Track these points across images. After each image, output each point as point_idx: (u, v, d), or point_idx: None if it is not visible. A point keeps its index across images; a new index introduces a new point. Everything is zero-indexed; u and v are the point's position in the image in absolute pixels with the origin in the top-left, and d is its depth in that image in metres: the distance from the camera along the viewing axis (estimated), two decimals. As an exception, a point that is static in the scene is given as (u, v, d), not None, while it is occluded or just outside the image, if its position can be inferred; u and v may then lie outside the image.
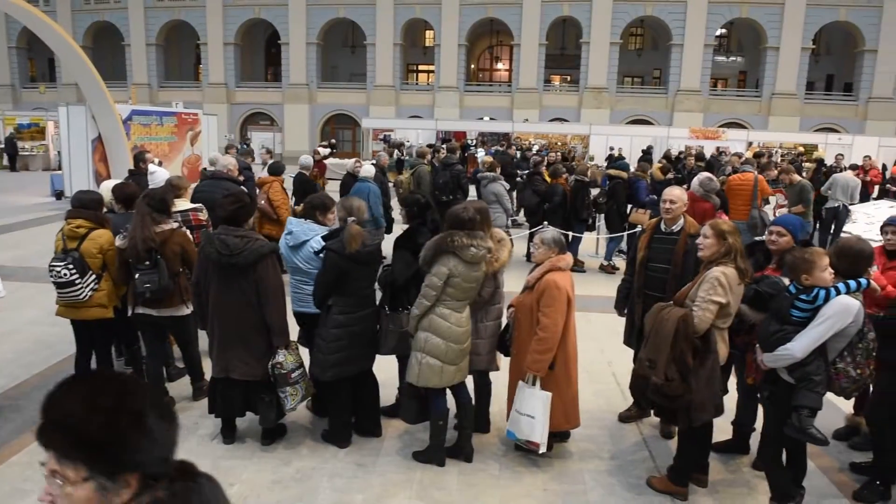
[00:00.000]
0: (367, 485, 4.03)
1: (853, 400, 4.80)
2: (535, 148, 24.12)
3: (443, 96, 36.08)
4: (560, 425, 4.27)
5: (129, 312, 4.80)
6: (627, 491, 4.08)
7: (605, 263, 10.42)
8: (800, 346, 3.24)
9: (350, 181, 9.43)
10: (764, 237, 4.24)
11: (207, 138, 20.04)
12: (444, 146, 13.83)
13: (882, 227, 4.64)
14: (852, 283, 3.33)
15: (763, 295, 3.62)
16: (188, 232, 5.07)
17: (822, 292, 3.28)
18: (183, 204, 5.47)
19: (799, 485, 3.74)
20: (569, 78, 38.97)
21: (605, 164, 17.68)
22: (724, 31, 37.27)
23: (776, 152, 22.85)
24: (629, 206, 10.49)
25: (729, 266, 3.62)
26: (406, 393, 4.27)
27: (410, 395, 4.22)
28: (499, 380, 4.77)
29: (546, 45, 35.83)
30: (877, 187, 16.28)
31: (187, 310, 4.87)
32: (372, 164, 10.40)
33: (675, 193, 4.58)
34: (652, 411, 4.38)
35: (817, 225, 11.72)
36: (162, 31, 38.44)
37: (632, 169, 11.33)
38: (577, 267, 10.13)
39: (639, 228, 7.17)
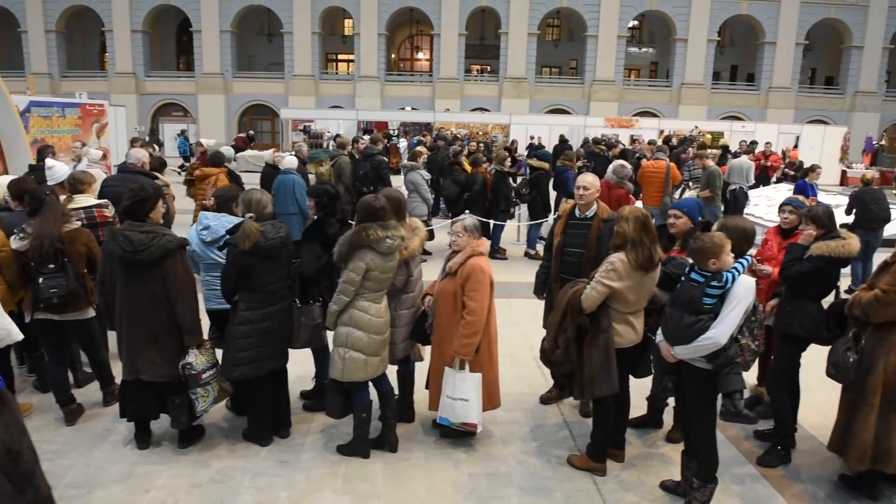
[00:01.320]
0: (291, 482, 3.96)
1: (755, 371, 5.11)
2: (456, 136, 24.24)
3: (364, 86, 35.69)
4: (484, 407, 4.34)
5: (27, 318, 4.50)
6: (549, 470, 4.19)
7: (531, 252, 10.62)
8: (722, 331, 3.33)
9: (271, 173, 9.20)
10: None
11: (115, 131, 19.03)
12: (365, 136, 13.70)
13: (780, 207, 4.95)
14: (744, 262, 3.48)
15: (671, 276, 3.75)
16: (93, 229, 4.82)
17: (729, 275, 3.39)
18: (87, 200, 5.18)
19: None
20: (489, 68, 39.31)
21: (527, 153, 17.99)
22: (636, 23, 38.52)
23: (699, 134, 23.86)
24: (555, 196, 10.73)
25: (628, 254, 3.75)
26: (329, 388, 4.22)
27: (334, 390, 4.17)
28: (418, 368, 4.78)
29: (466, 35, 36.00)
30: (777, 172, 17.30)
31: (93, 312, 4.62)
32: (293, 155, 10.17)
33: (588, 180, 4.70)
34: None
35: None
36: (62, 16, 36.05)
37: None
38: (500, 255, 10.29)
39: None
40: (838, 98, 37.28)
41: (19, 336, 3.37)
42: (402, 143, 23.80)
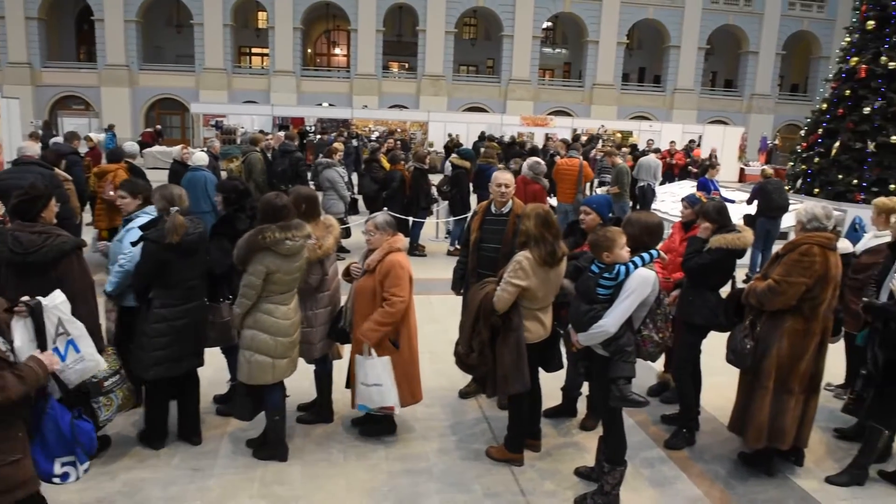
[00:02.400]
0: (205, 489, 3.83)
1: (662, 358, 5.36)
2: (375, 135, 24.10)
3: (279, 81, 34.85)
4: (406, 401, 4.37)
5: None
6: (469, 464, 4.25)
7: (452, 248, 10.69)
8: (611, 321, 3.47)
9: (179, 170, 8.84)
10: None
11: (9, 124, 17.73)
12: (280, 132, 13.41)
13: (681, 202, 5.23)
14: (646, 256, 3.63)
15: (582, 269, 3.88)
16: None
17: (622, 268, 3.53)
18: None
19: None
20: (407, 65, 39.27)
21: (444, 151, 18.13)
22: (550, 24, 39.47)
23: (605, 132, 24.73)
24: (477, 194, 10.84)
25: (533, 252, 3.83)
26: (238, 391, 4.11)
27: (243, 393, 4.06)
28: (337, 367, 4.74)
29: (383, 31, 35.82)
30: (681, 169, 18.21)
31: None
32: (203, 151, 9.82)
33: (507, 177, 4.80)
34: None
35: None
36: (-57, 1, 33.36)
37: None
38: (419, 252, 10.32)
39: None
40: (736, 100, 39.60)
41: (104, 365, 3.35)
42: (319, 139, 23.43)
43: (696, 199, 5.09)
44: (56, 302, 3.08)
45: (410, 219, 10.06)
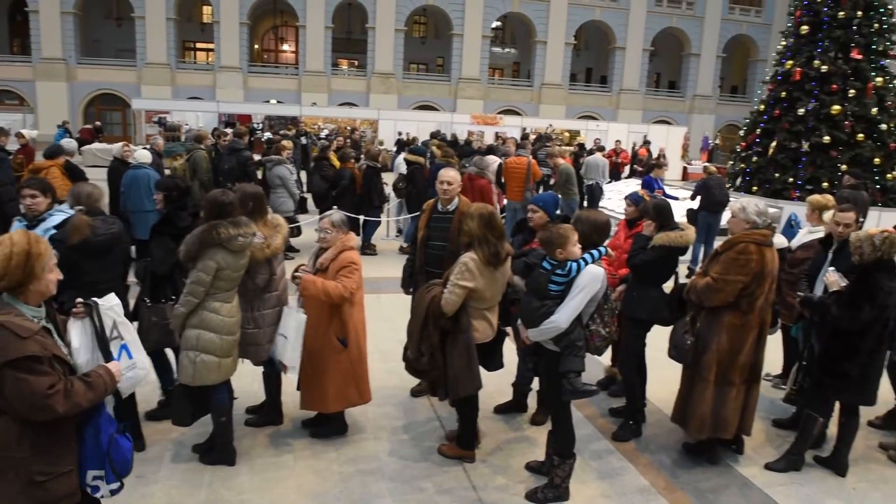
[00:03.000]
0: (148, 496, 3.72)
1: (609, 353, 5.47)
2: (325, 132, 23.86)
3: (225, 77, 34.10)
4: (354, 402, 4.35)
5: None
6: (421, 462, 4.25)
7: (405, 246, 10.65)
8: (563, 316, 3.53)
9: (119, 168, 8.55)
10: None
11: (-66, 119, 16.88)
12: (228, 130, 13.11)
13: (625, 200, 5.34)
14: (595, 253, 3.71)
15: (532, 266, 3.92)
16: None
17: (574, 265, 3.60)
18: None
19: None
20: (356, 63, 38.99)
21: (395, 149, 18.06)
22: (499, 23, 39.76)
23: (553, 131, 25.09)
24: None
25: (478, 252, 3.85)
26: (176, 394, 3.99)
27: (181, 396, 3.94)
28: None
29: (332, 28, 35.45)
30: (627, 168, 18.62)
31: None
32: (147, 148, 9.53)
33: (451, 175, 4.79)
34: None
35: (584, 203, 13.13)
36: None
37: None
38: (370, 251, 10.26)
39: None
40: (679, 101, 40.74)
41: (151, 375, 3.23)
42: (267, 137, 23.02)
43: (640, 197, 5.21)
44: (111, 303, 2.93)
45: (361, 217, 9.99)
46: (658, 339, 4.70)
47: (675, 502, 3.94)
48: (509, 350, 4.89)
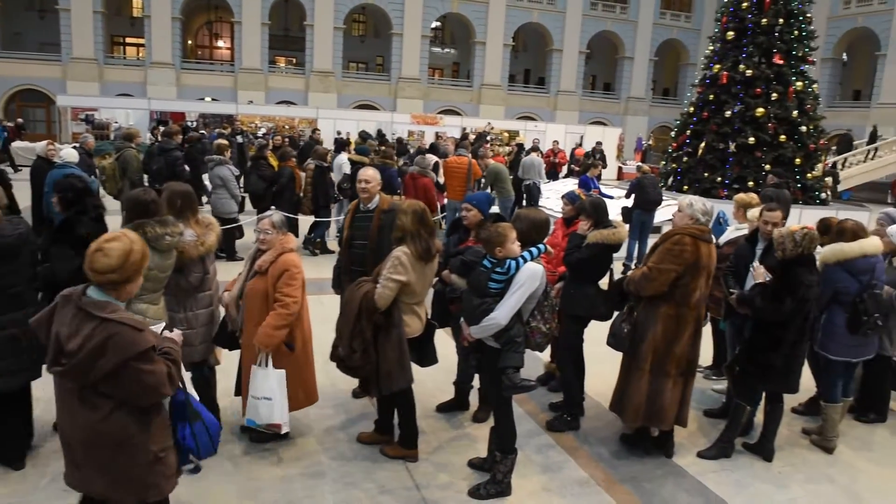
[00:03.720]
0: None
1: (549, 349, 5.56)
2: (262, 131, 23.39)
3: (156, 73, 32.98)
4: (301, 404, 4.29)
5: None
6: (363, 462, 4.22)
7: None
8: (502, 313, 3.56)
9: (43, 167, 8.15)
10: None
11: None
12: (161, 127, 12.70)
13: (562, 199, 5.44)
14: (534, 251, 3.77)
15: (468, 264, 3.96)
16: None
17: (513, 262, 3.65)
18: None
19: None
20: (294, 60, 38.39)
21: (334, 148, 17.87)
22: (438, 23, 39.90)
23: (492, 129, 25.33)
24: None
25: (409, 247, 3.90)
26: None
27: None
28: (223, 371, 4.58)
29: (269, 25, 34.80)
30: (565, 167, 18.99)
31: None
32: (75, 147, 9.13)
33: (369, 174, 4.77)
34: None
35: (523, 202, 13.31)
36: None
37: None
38: (314, 251, 10.11)
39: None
40: (614, 102, 41.84)
41: None
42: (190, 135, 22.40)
43: (576, 196, 5.32)
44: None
45: (299, 217, 9.85)
46: (597, 334, 4.80)
47: (614, 493, 4.05)
48: (449, 348, 4.93)
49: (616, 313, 4.51)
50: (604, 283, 4.75)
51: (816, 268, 4.34)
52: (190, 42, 38.26)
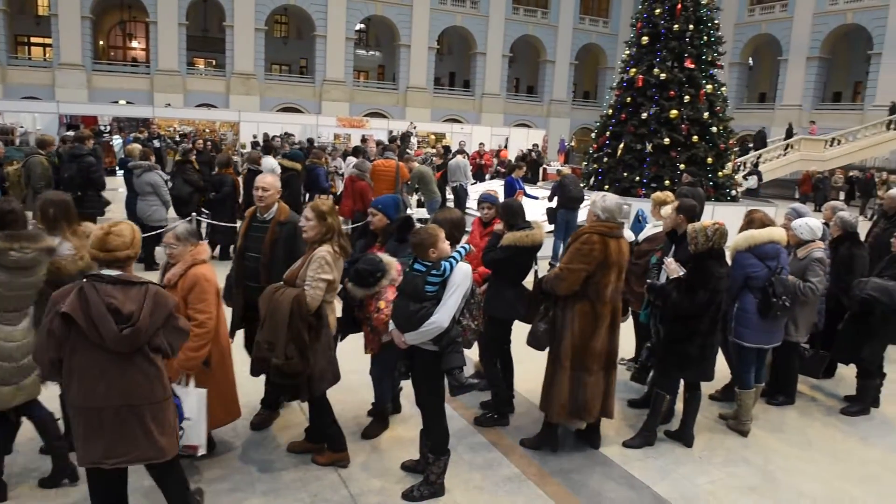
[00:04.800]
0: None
1: (476, 348, 5.57)
2: (190, 135, 22.60)
3: (65, 75, 31.35)
4: (222, 421, 4.15)
5: None
6: (294, 472, 4.14)
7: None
8: (444, 316, 3.56)
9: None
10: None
11: None
12: (70, 133, 12.08)
13: (478, 203, 5.47)
14: (461, 251, 3.80)
15: (362, 273, 3.93)
16: None
17: (447, 264, 3.64)
18: None
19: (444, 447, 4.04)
20: (214, 62, 37.33)
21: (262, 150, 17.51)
22: (363, 26, 39.68)
23: (416, 129, 25.30)
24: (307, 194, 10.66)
25: (333, 245, 3.90)
26: None
27: None
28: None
29: (187, 25, 33.69)
30: (491, 169, 19.26)
31: None
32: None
33: (267, 180, 4.51)
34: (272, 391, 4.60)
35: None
36: None
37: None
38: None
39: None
40: (538, 105, 42.76)
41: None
42: (117, 141, 21.47)
43: (494, 197, 5.33)
44: None
45: (238, 223, 9.61)
46: (524, 332, 4.87)
47: (545, 487, 4.13)
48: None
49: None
50: (529, 282, 4.82)
51: (726, 261, 4.58)
52: (102, 42, 36.59)
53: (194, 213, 9.22)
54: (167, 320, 2.94)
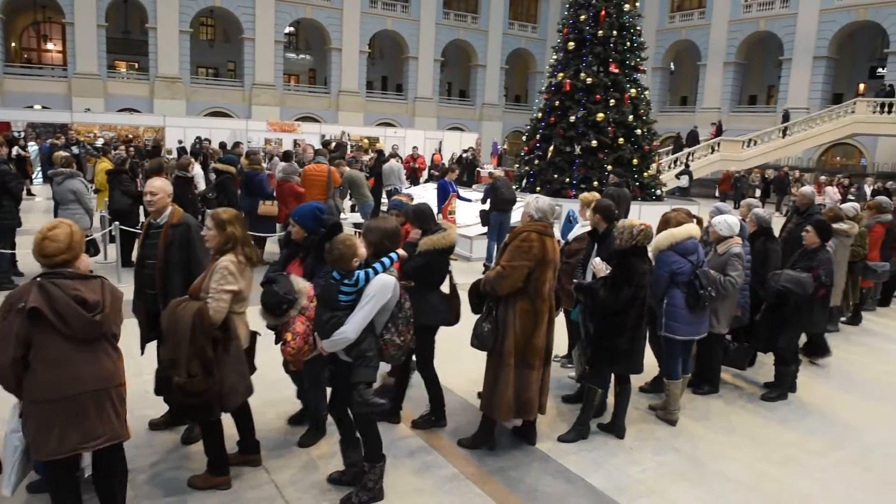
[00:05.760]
0: None
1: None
2: (101, 141, 21.67)
3: (-28, 79, 29.58)
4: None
5: None
6: (173, 497, 3.86)
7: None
8: (351, 327, 3.51)
9: None
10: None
11: None
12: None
13: (387, 211, 5.39)
14: (387, 261, 3.75)
15: (267, 304, 3.86)
16: None
17: (362, 274, 3.58)
18: None
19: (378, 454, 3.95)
20: (137, 65, 35.97)
21: (176, 157, 17.05)
22: (292, 29, 39.09)
23: (348, 137, 25.15)
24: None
25: (237, 255, 3.72)
26: None
27: None
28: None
29: (106, 26, 32.34)
30: (425, 172, 19.33)
31: None
32: None
33: (157, 184, 4.34)
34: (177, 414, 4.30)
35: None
36: None
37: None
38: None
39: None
40: (470, 109, 43.17)
41: None
42: (33, 148, 20.40)
43: (401, 203, 5.23)
44: None
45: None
46: (458, 333, 4.88)
47: (484, 486, 4.17)
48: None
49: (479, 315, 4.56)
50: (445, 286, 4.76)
51: (648, 258, 4.75)
52: (14, 44, 34.70)
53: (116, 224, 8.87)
54: (121, 310, 3.18)
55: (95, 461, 3.33)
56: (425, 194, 14.75)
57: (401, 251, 4.01)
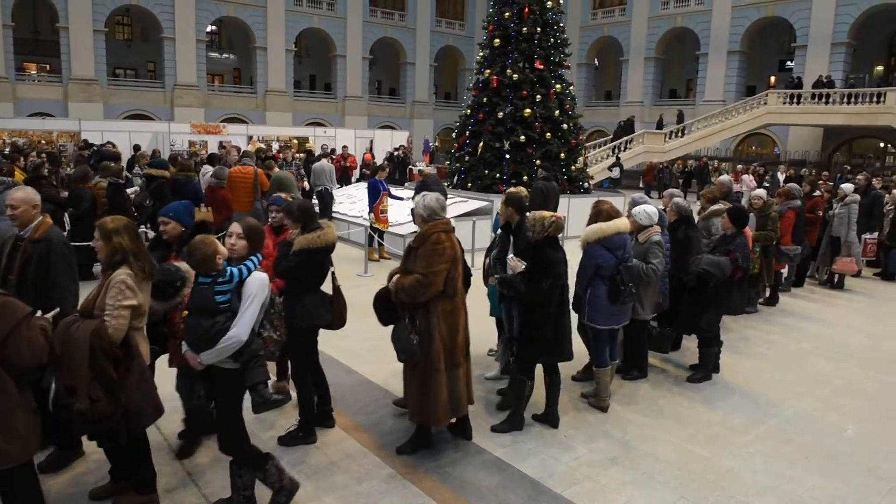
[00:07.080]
0: None
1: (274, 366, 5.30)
2: (7, 149, 20.44)
3: None
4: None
5: None
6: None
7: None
8: (242, 329, 3.38)
9: None
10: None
11: None
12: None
13: (267, 207, 5.28)
14: (255, 259, 3.60)
15: (159, 285, 3.71)
16: None
17: (235, 270, 3.45)
18: None
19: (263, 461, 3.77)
20: (48, 67, 34.15)
21: (94, 160, 16.28)
22: (214, 27, 37.98)
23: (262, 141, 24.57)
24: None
25: (132, 267, 3.44)
26: None
27: None
28: None
29: (13, 26, 30.55)
30: (356, 171, 19.16)
31: None
32: None
33: (18, 196, 4.04)
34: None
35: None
36: None
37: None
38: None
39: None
40: (401, 107, 43.07)
41: None
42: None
43: (280, 199, 5.04)
44: None
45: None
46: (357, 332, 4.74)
47: (420, 484, 4.17)
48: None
49: (395, 325, 4.39)
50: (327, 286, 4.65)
51: (561, 246, 4.79)
52: None
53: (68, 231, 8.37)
54: (14, 329, 2.95)
55: None
56: (357, 194, 14.67)
57: (262, 255, 3.78)
